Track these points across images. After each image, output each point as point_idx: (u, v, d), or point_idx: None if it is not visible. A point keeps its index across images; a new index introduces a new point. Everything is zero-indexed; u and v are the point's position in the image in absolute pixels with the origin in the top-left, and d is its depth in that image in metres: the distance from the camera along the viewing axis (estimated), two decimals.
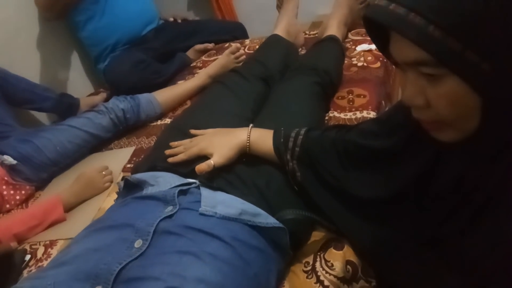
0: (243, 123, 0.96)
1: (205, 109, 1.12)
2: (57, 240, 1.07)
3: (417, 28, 0.40)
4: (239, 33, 2.09)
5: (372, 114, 1.09)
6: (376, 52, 1.35)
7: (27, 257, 1.03)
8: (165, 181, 0.78)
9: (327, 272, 0.74)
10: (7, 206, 1.23)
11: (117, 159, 1.34)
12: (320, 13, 2.25)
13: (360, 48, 1.40)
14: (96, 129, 1.38)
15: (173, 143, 0.94)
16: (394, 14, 0.41)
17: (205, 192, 0.74)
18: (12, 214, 1.23)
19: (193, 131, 0.96)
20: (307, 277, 0.75)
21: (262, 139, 0.86)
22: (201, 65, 1.82)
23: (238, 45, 1.57)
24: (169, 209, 0.68)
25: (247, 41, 1.84)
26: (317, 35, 1.53)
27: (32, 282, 0.59)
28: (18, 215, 1.19)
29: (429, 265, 0.59)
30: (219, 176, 0.84)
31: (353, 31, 1.52)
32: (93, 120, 1.38)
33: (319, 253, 0.78)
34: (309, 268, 0.76)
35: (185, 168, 0.87)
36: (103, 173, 1.22)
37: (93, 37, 1.81)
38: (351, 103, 1.15)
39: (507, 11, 0.37)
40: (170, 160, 0.90)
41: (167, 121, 1.49)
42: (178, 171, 0.85)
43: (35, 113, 1.75)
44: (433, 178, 0.59)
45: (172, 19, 2.07)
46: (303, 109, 1.03)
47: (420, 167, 0.60)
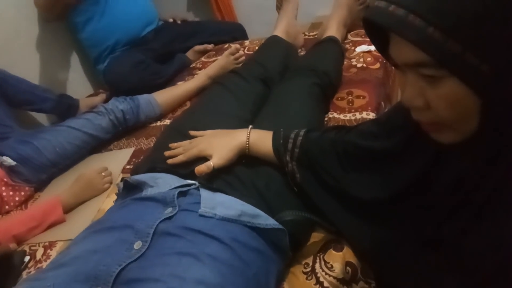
0: (242, 124, 0.96)
1: (205, 110, 1.12)
2: (56, 241, 1.07)
3: (416, 29, 0.40)
4: (239, 34, 2.09)
5: (371, 115, 1.09)
6: (375, 53, 1.35)
7: (26, 258, 1.03)
8: (164, 182, 0.77)
9: (326, 273, 0.74)
10: (7, 207, 1.23)
11: (116, 160, 1.34)
12: (319, 14, 2.25)
13: (359, 49, 1.40)
14: (95, 130, 1.38)
15: (173, 145, 0.94)
16: (393, 15, 0.41)
17: (204, 193, 0.74)
18: (11, 215, 1.22)
19: (192, 133, 0.96)
20: (307, 278, 0.75)
21: (261, 140, 0.86)
22: (201, 66, 1.82)
23: (237, 46, 1.57)
24: (169, 211, 0.68)
25: (247, 42, 1.84)
26: (316, 36, 1.54)
27: (31, 283, 0.59)
28: (17, 216, 1.19)
29: (428, 266, 0.59)
30: (219, 177, 0.84)
31: (353, 32, 1.52)
32: (93, 121, 1.38)
33: (318, 254, 0.78)
34: (308, 269, 0.76)
35: (185, 169, 0.87)
36: (103, 174, 1.22)
37: (92, 38, 1.81)
38: (351, 104, 1.16)
39: (507, 13, 0.37)
40: (169, 161, 0.90)
41: (167, 122, 1.49)
42: (177, 172, 0.85)
43: (34, 114, 1.74)
44: (432, 179, 0.59)
45: (171, 20, 2.07)
46: (302, 110, 1.03)
47: (419, 168, 0.60)
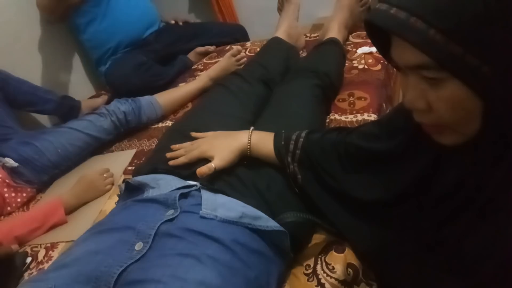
0: (244, 125, 0.96)
1: (206, 112, 1.12)
2: (58, 242, 1.07)
3: (418, 32, 0.40)
4: (240, 35, 2.09)
5: (373, 116, 1.09)
6: (377, 54, 1.35)
7: (28, 260, 1.03)
8: (166, 184, 0.78)
9: (328, 275, 0.74)
10: (8, 208, 1.23)
11: (118, 162, 1.34)
12: (321, 15, 2.25)
13: (361, 50, 1.40)
14: (97, 132, 1.38)
15: (174, 146, 0.94)
16: (395, 18, 0.42)
17: (205, 195, 0.74)
18: (13, 216, 1.23)
19: (194, 134, 0.97)
20: (308, 280, 0.75)
21: (263, 141, 0.86)
22: (202, 67, 1.83)
23: (239, 47, 1.57)
24: (170, 213, 0.68)
25: (248, 44, 1.85)
26: (318, 38, 1.54)
27: (33, 284, 0.59)
28: (19, 218, 1.19)
29: (429, 268, 0.59)
30: (220, 178, 0.84)
31: (354, 34, 1.52)
32: (95, 122, 1.38)
33: (320, 256, 0.78)
34: (310, 271, 0.76)
35: (186, 170, 0.87)
36: (104, 175, 1.23)
37: (94, 39, 1.82)
38: (352, 106, 1.16)
39: (507, 15, 0.38)
40: (171, 162, 0.90)
41: (168, 123, 1.49)
42: (179, 173, 0.85)
43: (36, 116, 1.75)
44: (433, 180, 0.59)
45: (173, 22, 2.07)
46: (304, 111, 1.03)
47: (420, 169, 0.60)
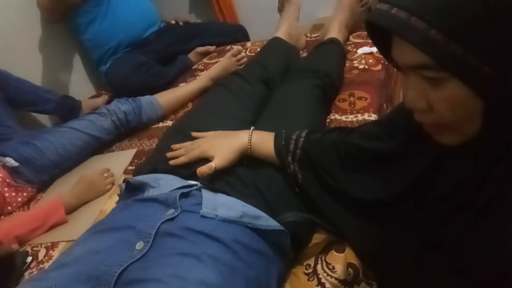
0: (244, 125, 0.96)
1: (207, 112, 1.12)
2: (58, 242, 1.07)
3: (419, 32, 0.40)
4: (241, 35, 2.09)
5: (373, 116, 1.09)
6: (377, 54, 1.35)
7: (29, 259, 1.03)
8: (166, 183, 0.78)
9: (328, 274, 0.74)
10: (9, 208, 1.23)
11: (118, 161, 1.34)
12: (321, 16, 2.25)
13: (361, 50, 1.40)
14: (97, 131, 1.38)
15: (175, 146, 0.95)
16: (396, 18, 0.42)
17: (206, 194, 0.74)
18: (13, 216, 1.23)
19: (194, 134, 0.97)
20: (308, 280, 0.75)
21: (263, 141, 0.86)
22: (203, 67, 1.83)
23: (239, 47, 1.57)
24: (171, 212, 0.68)
25: (249, 44, 1.85)
26: (318, 38, 1.54)
27: (33, 284, 0.59)
28: (19, 217, 1.19)
29: (430, 267, 0.59)
30: (220, 178, 0.84)
31: (355, 34, 1.52)
32: (95, 122, 1.38)
33: (320, 256, 0.78)
34: (310, 270, 0.76)
35: (187, 170, 0.87)
36: (105, 175, 1.23)
37: (94, 39, 1.82)
38: (352, 106, 1.16)
39: (507, 15, 0.38)
40: (171, 162, 0.90)
41: (169, 123, 1.49)
42: (179, 173, 0.86)
43: (36, 115, 1.75)
44: (434, 180, 0.59)
45: (173, 22, 2.07)
46: (304, 111, 1.03)
47: (421, 169, 0.60)
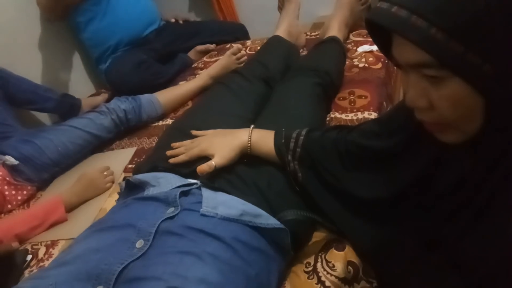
0: (244, 124, 0.96)
1: (206, 110, 1.12)
2: (58, 240, 1.07)
3: (419, 30, 0.40)
4: (241, 34, 2.09)
5: (373, 115, 1.09)
6: (377, 53, 1.35)
7: (29, 257, 1.03)
8: (166, 182, 0.78)
9: (328, 272, 0.74)
10: (9, 206, 1.23)
11: (118, 160, 1.34)
12: (321, 14, 2.25)
13: (361, 49, 1.40)
14: (97, 130, 1.38)
15: (174, 144, 0.94)
16: (396, 16, 0.42)
17: (206, 193, 0.74)
18: (13, 214, 1.23)
19: (194, 132, 0.97)
20: (308, 278, 0.75)
21: (263, 140, 0.86)
22: (203, 66, 1.83)
23: (239, 46, 1.57)
24: (171, 211, 0.68)
25: (249, 42, 1.84)
26: (318, 36, 1.54)
27: (33, 282, 0.59)
28: (19, 215, 1.19)
29: (429, 266, 0.59)
30: (220, 176, 0.84)
31: (355, 32, 1.52)
32: (95, 120, 1.38)
33: (320, 254, 0.78)
34: (310, 268, 0.76)
35: (186, 168, 0.87)
36: (105, 173, 1.23)
37: (94, 38, 1.81)
38: (352, 104, 1.16)
39: (508, 13, 0.37)
40: (171, 160, 0.90)
41: (169, 121, 1.49)
42: (179, 171, 0.86)
43: (36, 114, 1.75)
44: (434, 178, 0.59)
45: (173, 20, 2.07)
46: (304, 110, 1.03)
47: (421, 168, 0.60)
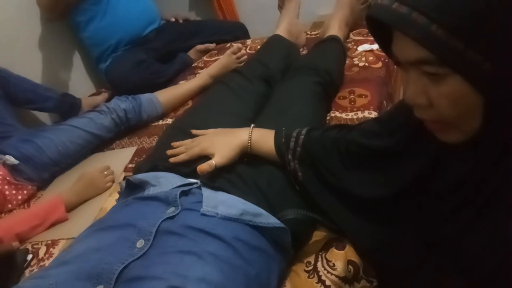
0: (244, 123, 0.96)
1: (207, 109, 1.12)
2: (59, 239, 1.07)
3: (419, 27, 0.40)
4: (241, 33, 2.09)
5: (373, 114, 1.09)
6: (377, 52, 1.35)
7: (29, 257, 1.03)
8: (166, 182, 0.78)
9: (328, 271, 0.74)
10: (9, 206, 1.23)
11: (118, 159, 1.34)
12: (321, 13, 2.25)
13: (361, 48, 1.40)
14: (97, 129, 1.38)
15: (175, 143, 0.94)
16: (397, 13, 0.41)
17: (206, 192, 0.74)
18: (14, 214, 1.23)
19: (194, 131, 0.97)
20: (309, 277, 0.75)
21: (263, 139, 0.86)
22: (203, 65, 1.82)
23: (239, 45, 1.57)
24: (171, 210, 0.68)
25: (249, 41, 1.84)
26: (318, 35, 1.53)
27: (34, 281, 0.59)
28: (20, 215, 1.19)
29: (430, 266, 0.59)
30: (221, 176, 0.84)
31: (355, 31, 1.52)
32: (95, 120, 1.38)
33: (320, 253, 0.78)
34: (310, 267, 0.76)
35: (187, 168, 0.87)
36: (105, 173, 1.23)
37: (94, 37, 1.81)
38: (353, 103, 1.15)
39: (509, 11, 0.37)
40: (171, 160, 0.90)
41: (169, 121, 1.49)
42: (179, 171, 0.85)
43: (36, 113, 1.75)
44: (434, 178, 0.58)
45: (173, 20, 2.07)
46: (304, 109, 1.03)
47: (421, 167, 0.60)
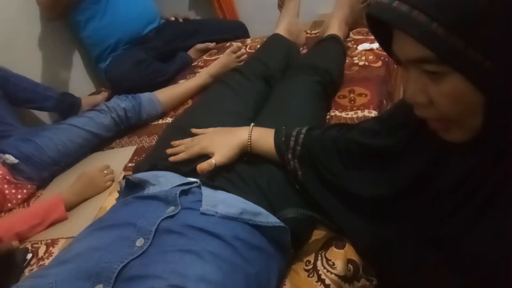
0: (244, 122, 0.96)
1: (206, 108, 1.12)
2: (58, 239, 1.07)
3: (420, 25, 0.40)
4: (240, 32, 2.09)
5: (373, 113, 1.09)
6: (377, 51, 1.34)
7: (29, 256, 1.03)
8: (166, 181, 0.77)
9: (328, 270, 0.74)
10: (9, 205, 1.23)
11: (118, 158, 1.34)
12: (321, 12, 2.25)
13: (361, 47, 1.40)
14: (97, 128, 1.38)
15: (174, 142, 0.94)
16: (397, 11, 0.41)
17: (206, 191, 0.74)
18: (13, 213, 1.23)
19: (194, 130, 0.96)
20: (308, 276, 0.75)
21: (263, 138, 0.86)
22: (203, 64, 1.82)
23: (239, 44, 1.57)
24: (171, 209, 0.68)
25: (248, 41, 1.84)
26: (318, 35, 1.53)
27: (33, 280, 0.59)
28: (19, 214, 1.19)
29: (429, 265, 0.59)
30: (220, 175, 0.84)
31: (355, 30, 1.52)
32: (95, 119, 1.38)
33: (320, 252, 0.78)
34: (310, 266, 0.76)
35: (186, 167, 0.87)
36: (105, 172, 1.23)
37: (94, 36, 1.81)
38: (353, 102, 1.15)
39: (510, 9, 0.37)
40: (171, 159, 0.90)
41: (169, 120, 1.49)
42: (179, 170, 0.85)
43: (36, 112, 1.75)
44: (434, 177, 0.58)
45: (173, 19, 2.07)
46: (304, 108, 1.03)
47: (421, 166, 0.60)
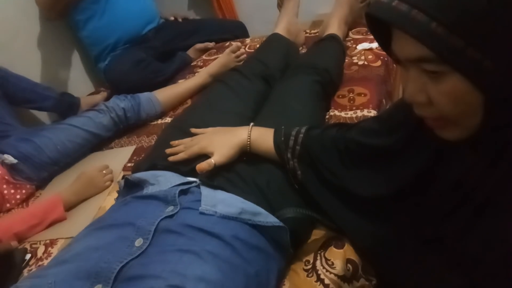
0: (243, 121, 0.96)
1: (206, 108, 1.12)
2: (57, 239, 1.07)
3: (419, 24, 0.40)
4: (240, 32, 2.09)
5: (372, 112, 1.09)
6: (377, 50, 1.34)
7: (28, 256, 1.03)
8: (165, 180, 0.77)
9: (327, 270, 0.74)
10: (8, 205, 1.23)
11: (117, 158, 1.34)
12: (320, 12, 2.24)
13: (360, 46, 1.40)
14: (96, 128, 1.38)
15: (174, 142, 0.94)
16: (396, 10, 0.41)
17: (205, 191, 0.74)
18: (12, 213, 1.23)
19: (193, 130, 0.96)
20: (308, 276, 0.75)
21: (262, 137, 0.86)
22: (202, 64, 1.82)
23: (238, 44, 1.57)
24: (170, 209, 0.68)
25: (248, 40, 1.84)
26: (317, 34, 1.53)
27: (32, 281, 0.59)
28: (18, 214, 1.19)
29: (429, 264, 0.59)
30: (220, 175, 0.84)
31: (354, 30, 1.52)
32: (94, 119, 1.38)
33: (319, 252, 0.78)
34: (309, 266, 0.76)
35: (186, 166, 0.87)
36: (104, 172, 1.22)
37: (93, 36, 1.81)
38: (352, 102, 1.15)
39: (509, 8, 0.37)
40: (170, 158, 0.90)
41: (168, 120, 1.49)
42: (178, 169, 0.85)
43: (35, 112, 1.74)
44: (433, 176, 0.58)
45: (172, 18, 2.07)
46: (303, 107, 1.03)
47: (420, 165, 0.60)
